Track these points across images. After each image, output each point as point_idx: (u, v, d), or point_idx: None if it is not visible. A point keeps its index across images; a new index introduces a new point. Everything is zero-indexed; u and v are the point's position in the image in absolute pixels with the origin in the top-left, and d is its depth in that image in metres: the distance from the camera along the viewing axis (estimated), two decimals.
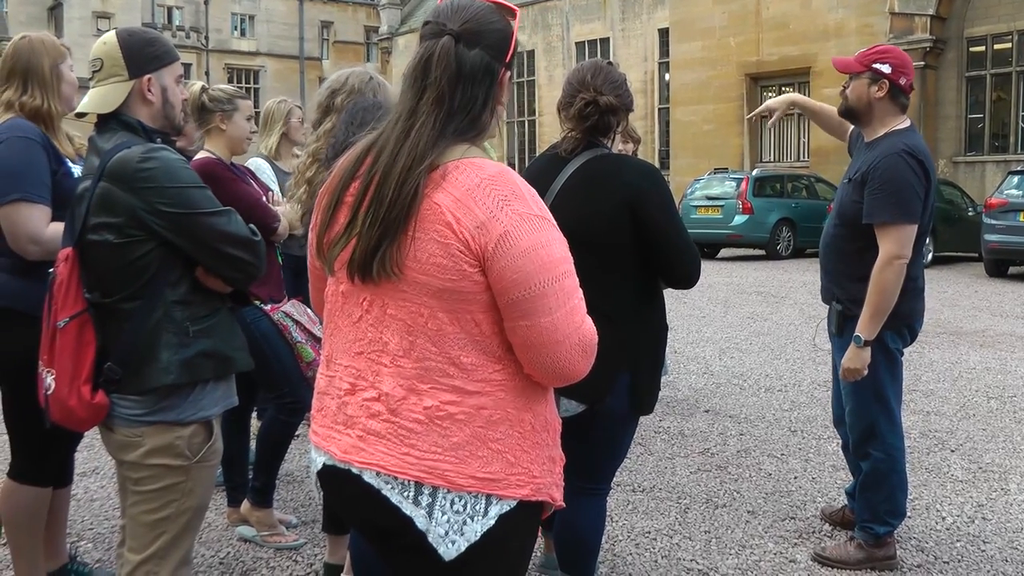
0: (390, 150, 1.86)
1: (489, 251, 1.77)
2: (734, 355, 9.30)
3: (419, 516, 1.83)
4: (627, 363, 3.16)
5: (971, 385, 7.92)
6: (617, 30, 36.56)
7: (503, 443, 1.87)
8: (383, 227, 1.81)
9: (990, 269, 17.02)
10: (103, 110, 2.71)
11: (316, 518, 4.60)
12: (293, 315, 4.22)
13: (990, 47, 24.65)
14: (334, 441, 1.93)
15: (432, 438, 1.83)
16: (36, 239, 3.16)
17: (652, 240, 3.13)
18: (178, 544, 2.70)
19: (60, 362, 2.55)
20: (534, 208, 1.84)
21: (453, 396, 1.83)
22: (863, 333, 3.87)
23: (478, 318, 1.84)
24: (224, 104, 4.31)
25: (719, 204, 20.11)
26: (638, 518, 4.74)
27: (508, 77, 2.00)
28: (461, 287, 1.80)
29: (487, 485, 1.85)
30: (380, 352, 1.87)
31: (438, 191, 1.80)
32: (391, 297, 1.85)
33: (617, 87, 3.27)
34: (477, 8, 1.92)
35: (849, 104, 4.07)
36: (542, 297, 1.80)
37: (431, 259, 1.79)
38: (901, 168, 3.81)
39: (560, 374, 1.89)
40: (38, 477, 3.52)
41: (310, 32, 54.97)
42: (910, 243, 3.85)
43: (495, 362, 1.87)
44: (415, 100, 1.88)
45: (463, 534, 1.84)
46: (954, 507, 4.92)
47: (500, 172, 1.85)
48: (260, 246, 2.75)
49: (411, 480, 1.83)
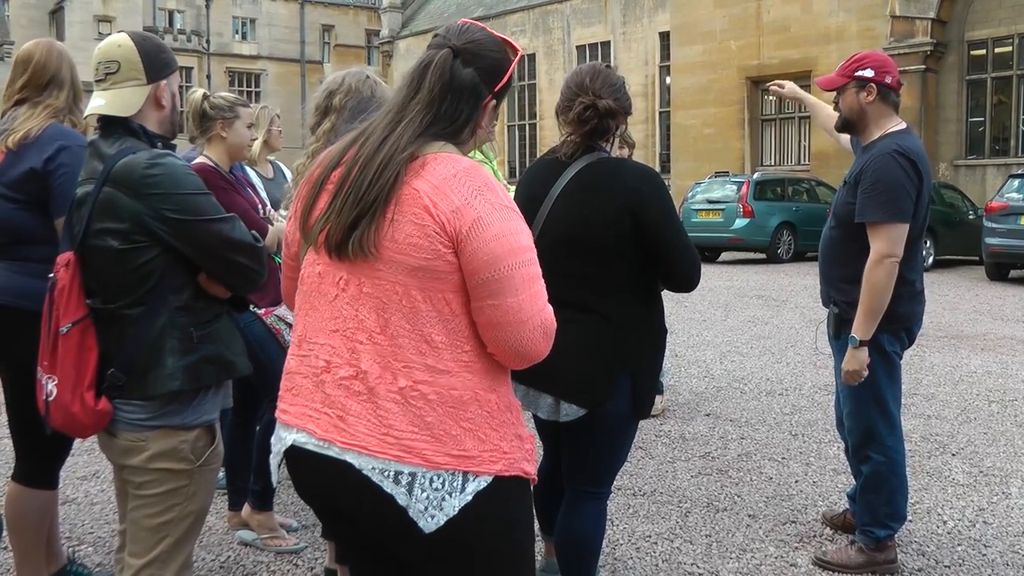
0: (375, 139, 2.01)
1: (463, 234, 1.92)
2: (735, 359, 9.30)
3: (400, 493, 1.93)
4: (628, 366, 3.16)
5: (972, 389, 7.92)
6: (618, 34, 36.59)
7: (473, 422, 1.98)
8: (360, 207, 1.94)
9: (991, 273, 17.00)
10: (125, 113, 2.71)
11: (317, 522, 4.60)
12: (287, 319, 4.23)
13: (991, 50, 24.66)
14: (311, 420, 2.00)
15: (408, 418, 1.93)
16: None
17: (652, 243, 3.14)
18: (180, 548, 2.70)
19: (63, 368, 2.55)
20: (504, 200, 1.99)
21: (426, 375, 1.94)
22: (857, 334, 3.89)
23: (448, 297, 1.96)
24: (225, 112, 4.32)
25: (720, 208, 20.10)
26: (639, 522, 4.75)
27: (493, 105, 2.12)
28: (435, 266, 1.93)
29: (463, 462, 1.96)
30: (356, 329, 1.97)
31: (417, 178, 1.95)
32: (367, 276, 1.96)
33: (615, 90, 3.27)
34: (483, 36, 2.10)
35: (844, 116, 4.12)
36: (509, 279, 1.95)
37: (408, 239, 1.93)
38: (892, 168, 3.84)
39: (523, 353, 2.02)
40: (45, 480, 3.53)
41: (311, 36, 55.01)
42: (901, 242, 3.87)
43: (464, 342, 1.99)
44: (407, 99, 2.05)
45: (442, 509, 1.94)
46: (955, 511, 4.92)
47: (474, 166, 2.01)
48: (263, 252, 2.76)
49: (391, 459, 1.92)
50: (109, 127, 2.72)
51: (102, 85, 2.73)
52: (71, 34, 43.80)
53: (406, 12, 48.82)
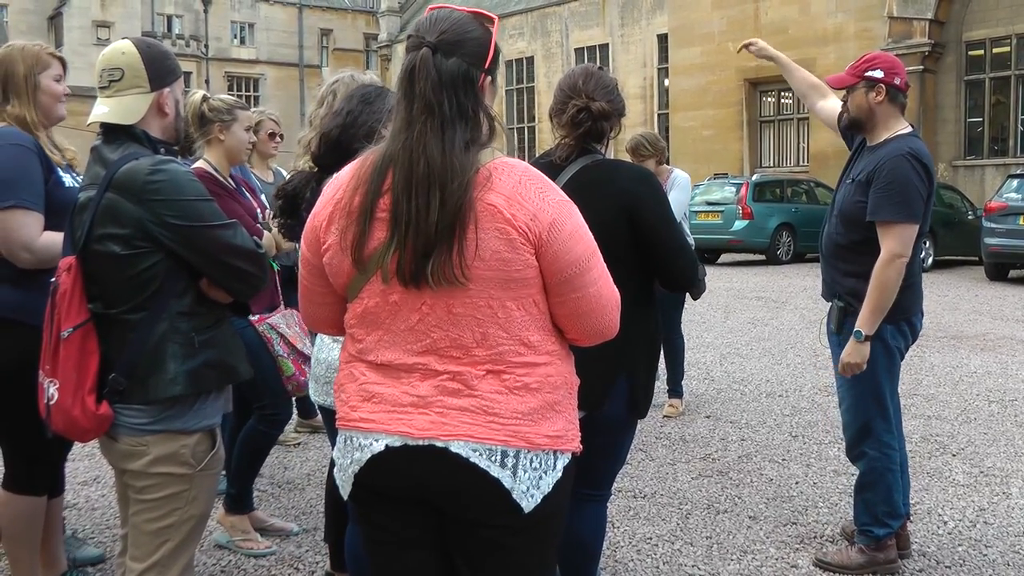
0: (409, 161, 1.96)
1: (543, 239, 1.97)
2: (735, 360, 9.30)
3: (505, 476, 2.00)
4: (624, 367, 3.17)
5: (972, 389, 7.92)
6: (616, 36, 36.63)
7: (562, 404, 2.10)
8: (431, 235, 1.93)
9: (990, 273, 16.99)
10: (128, 121, 2.71)
11: (318, 526, 4.60)
12: (279, 327, 4.22)
13: (989, 51, 24.67)
14: (404, 422, 2.02)
15: (512, 406, 2.01)
16: (29, 247, 3.17)
17: (649, 244, 3.14)
18: (181, 552, 2.71)
19: (64, 372, 2.55)
20: (560, 193, 2.05)
21: (526, 370, 2.03)
22: (863, 328, 3.91)
23: (537, 299, 2.04)
24: (223, 115, 4.32)
25: (719, 210, 20.09)
26: (639, 524, 4.75)
27: (489, 81, 2.10)
28: (525, 275, 1.99)
29: (555, 442, 2.07)
30: (450, 347, 2.01)
31: (488, 193, 1.96)
32: (455, 298, 1.98)
33: (609, 92, 3.26)
34: (455, 19, 2.06)
35: (853, 116, 4.15)
36: (588, 271, 2.04)
37: (496, 255, 1.95)
38: (906, 170, 3.89)
39: (603, 334, 2.16)
40: (32, 486, 3.52)
41: (310, 40, 55.09)
42: (911, 242, 3.92)
43: (551, 334, 2.09)
44: (408, 111, 2.00)
45: (540, 488, 2.04)
46: (956, 511, 4.92)
47: (526, 167, 2.05)
48: (264, 258, 2.76)
49: (498, 445, 2.00)
50: (112, 132, 2.73)
51: (105, 92, 2.73)
52: (70, 39, 43.90)
53: (404, 16, 48.89)
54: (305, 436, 6.40)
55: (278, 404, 4.37)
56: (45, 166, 3.32)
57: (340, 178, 2.10)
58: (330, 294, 2.15)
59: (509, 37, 40.12)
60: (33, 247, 3.17)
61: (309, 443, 6.27)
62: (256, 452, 4.49)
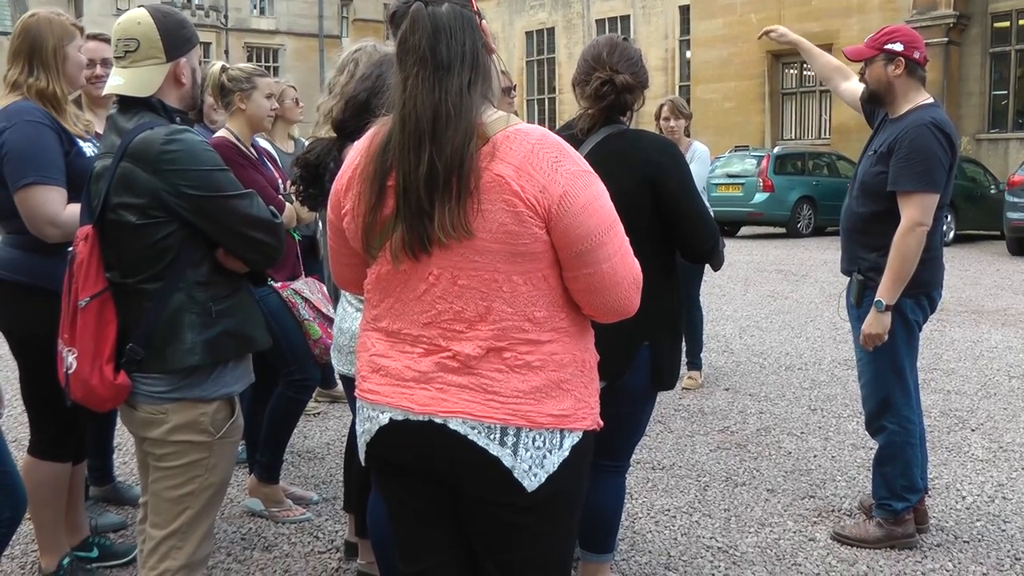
0: (403, 121, 1.93)
1: (553, 212, 1.91)
2: (754, 333, 9.28)
3: (505, 455, 1.98)
4: (646, 338, 3.16)
5: (992, 364, 7.88)
6: (638, 7, 36.34)
7: (571, 383, 2.05)
8: (418, 193, 1.90)
9: (1012, 247, 16.81)
10: (143, 93, 2.70)
11: (337, 495, 4.63)
12: (303, 292, 4.24)
13: (1015, 22, 24.38)
14: (406, 397, 2.02)
15: (512, 384, 1.98)
16: (54, 221, 3.18)
17: (671, 213, 3.13)
18: (201, 519, 2.73)
19: (82, 341, 2.57)
20: (580, 164, 1.98)
21: (529, 347, 1.99)
22: (884, 298, 3.90)
23: (546, 273, 1.99)
24: (242, 83, 4.32)
25: (740, 182, 19.99)
26: (658, 496, 4.76)
27: (482, 22, 2.05)
28: (533, 249, 1.94)
29: (561, 421, 2.03)
30: (453, 320, 1.98)
31: (497, 162, 1.91)
32: (461, 268, 1.95)
33: (633, 64, 3.23)
34: None
35: (871, 88, 4.13)
36: (602, 247, 1.97)
37: (503, 227, 1.91)
38: (928, 139, 3.87)
39: (619, 311, 2.10)
40: (59, 453, 3.57)
41: (329, 10, 54.83)
42: (931, 212, 3.90)
43: (560, 311, 2.03)
44: (403, 71, 1.96)
45: (543, 467, 2.01)
46: (974, 486, 4.90)
47: (543, 134, 1.97)
48: (281, 228, 2.76)
49: (497, 423, 1.98)
50: (127, 102, 2.72)
51: (121, 63, 2.71)
52: (90, 10, 43.83)
53: None
54: (325, 406, 6.43)
55: (305, 369, 4.36)
56: (65, 138, 3.33)
57: (360, 144, 2.10)
58: (355, 255, 2.16)
59: (530, 8, 39.87)
60: (59, 221, 3.18)
61: (329, 413, 6.31)
62: (286, 418, 4.48)
